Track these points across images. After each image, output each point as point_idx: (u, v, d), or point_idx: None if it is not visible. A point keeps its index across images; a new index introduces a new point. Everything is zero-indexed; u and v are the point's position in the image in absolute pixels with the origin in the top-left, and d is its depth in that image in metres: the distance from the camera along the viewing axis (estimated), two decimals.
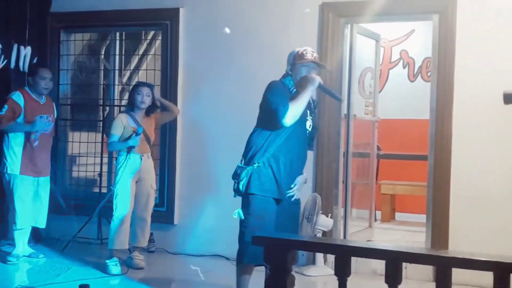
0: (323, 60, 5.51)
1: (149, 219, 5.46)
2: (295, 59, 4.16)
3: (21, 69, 6.15)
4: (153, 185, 5.51)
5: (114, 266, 5.20)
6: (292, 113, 3.94)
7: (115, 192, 5.26)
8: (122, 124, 5.28)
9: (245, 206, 4.02)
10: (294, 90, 4.07)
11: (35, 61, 6.25)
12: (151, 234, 5.88)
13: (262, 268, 3.63)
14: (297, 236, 3.92)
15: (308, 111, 4.16)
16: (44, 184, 5.62)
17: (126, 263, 5.37)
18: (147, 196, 5.43)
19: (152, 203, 5.49)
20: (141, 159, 5.33)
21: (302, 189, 4.25)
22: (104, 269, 5.21)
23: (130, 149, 5.24)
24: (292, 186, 4.11)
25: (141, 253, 5.54)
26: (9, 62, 6.03)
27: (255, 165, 4.00)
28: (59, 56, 6.62)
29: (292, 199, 4.13)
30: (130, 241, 5.37)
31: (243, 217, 4.00)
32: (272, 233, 2.93)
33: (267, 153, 4.02)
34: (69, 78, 6.75)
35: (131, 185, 5.28)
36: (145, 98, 5.32)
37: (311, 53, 4.15)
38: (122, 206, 5.25)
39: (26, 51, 6.18)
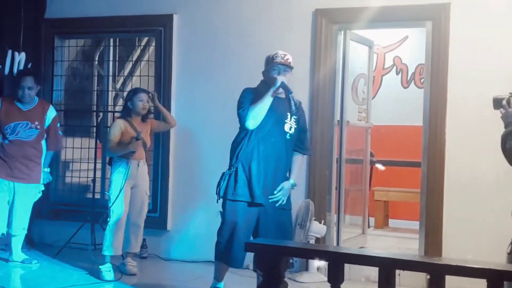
0: (317, 66, 5.54)
1: (142, 225, 5.46)
2: (267, 63, 4.28)
3: (15, 75, 6.14)
4: (147, 191, 5.52)
5: (107, 272, 5.18)
6: (252, 116, 4.07)
7: (110, 198, 5.25)
8: (120, 129, 5.27)
9: (222, 209, 4.25)
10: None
11: (29, 66, 6.24)
12: (144, 240, 5.87)
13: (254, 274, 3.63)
14: (290, 243, 3.92)
15: (289, 114, 4.21)
16: (21, 190, 5.52)
17: (119, 269, 5.34)
18: (141, 202, 5.42)
19: (145, 209, 5.49)
20: (138, 165, 5.33)
21: (289, 195, 4.27)
22: (97, 275, 5.19)
23: (130, 155, 5.23)
24: (275, 192, 4.17)
25: (134, 259, 5.52)
26: (3, 68, 6.02)
27: (231, 170, 4.17)
28: (53, 62, 6.61)
29: (277, 205, 4.17)
30: (123, 247, 5.35)
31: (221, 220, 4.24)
32: (263, 240, 2.93)
33: (240, 157, 4.16)
34: (63, 84, 6.73)
35: (126, 191, 5.26)
36: (145, 104, 5.38)
37: (281, 56, 4.21)
38: (117, 212, 5.24)
39: (20, 57, 6.17)
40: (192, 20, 6.05)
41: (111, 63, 6.66)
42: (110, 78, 6.76)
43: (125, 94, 6.94)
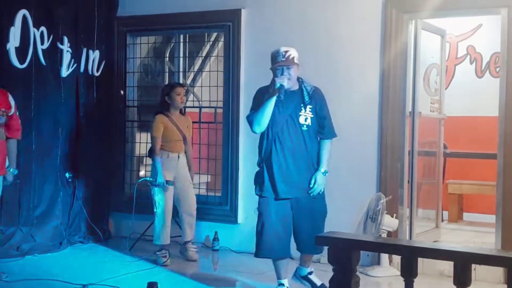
0: (387, 56, 5.45)
1: (194, 213, 5.70)
2: (271, 62, 4.32)
3: (90, 72, 6.35)
4: (190, 180, 5.72)
5: (162, 258, 5.49)
6: (257, 122, 4.22)
7: (155, 190, 5.51)
8: (162, 124, 5.53)
9: (258, 206, 4.45)
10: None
11: (103, 64, 6.44)
12: (215, 232, 5.99)
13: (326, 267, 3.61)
14: (362, 236, 3.91)
15: (302, 105, 4.27)
16: None
17: (181, 254, 5.68)
18: (187, 191, 5.66)
19: (193, 197, 5.71)
20: (178, 158, 5.60)
21: (325, 183, 4.39)
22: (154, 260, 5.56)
23: (170, 148, 5.55)
24: (310, 185, 4.31)
25: (194, 245, 5.74)
26: (78, 66, 6.23)
27: (259, 168, 4.41)
28: (125, 59, 6.79)
29: (312, 195, 4.34)
30: (182, 237, 5.70)
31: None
32: (338, 233, 2.91)
33: (263, 156, 4.35)
34: (135, 80, 6.91)
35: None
36: (183, 98, 5.61)
37: (282, 54, 4.24)
38: (162, 202, 5.52)
39: (95, 55, 6.38)
40: (260, 14, 6.07)
41: (181, 59, 6.78)
42: (181, 74, 6.88)
43: (195, 90, 7.10)
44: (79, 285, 4.70)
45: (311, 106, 4.29)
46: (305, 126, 4.28)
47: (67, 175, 6.16)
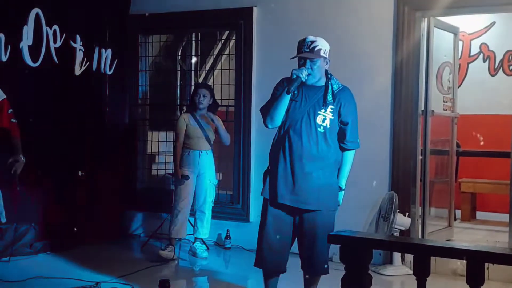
0: (399, 54, 5.42)
1: (208, 212, 5.77)
2: (297, 49, 3.88)
3: (102, 71, 6.37)
4: (211, 180, 5.78)
5: (169, 252, 5.57)
6: (270, 116, 3.81)
7: (175, 185, 5.68)
8: (184, 122, 5.67)
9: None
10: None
11: (115, 63, 6.46)
12: (227, 231, 6.00)
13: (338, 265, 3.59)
14: (375, 235, 3.88)
15: (323, 103, 3.78)
16: None
17: (192, 253, 5.73)
18: (206, 190, 5.74)
19: (210, 197, 5.78)
20: (200, 155, 5.65)
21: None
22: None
23: (192, 145, 5.66)
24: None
25: (204, 243, 5.81)
26: (91, 65, 6.25)
27: (268, 168, 3.96)
28: (137, 57, 6.81)
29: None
30: (194, 233, 5.77)
31: None
32: (348, 232, 2.90)
33: (270, 154, 3.95)
34: (147, 79, 6.92)
35: (190, 179, 5.63)
36: (201, 98, 5.65)
37: (307, 44, 3.80)
38: (180, 199, 5.64)
39: (107, 54, 6.39)
40: (272, 12, 6.06)
41: (193, 57, 6.78)
42: (193, 72, 6.89)
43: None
44: (92, 283, 4.72)
45: (333, 107, 3.77)
46: (321, 127, 3.75)
47: (79, 173, 6.18)
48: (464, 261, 2.54)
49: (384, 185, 5.46)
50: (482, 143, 7.15)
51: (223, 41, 7.39)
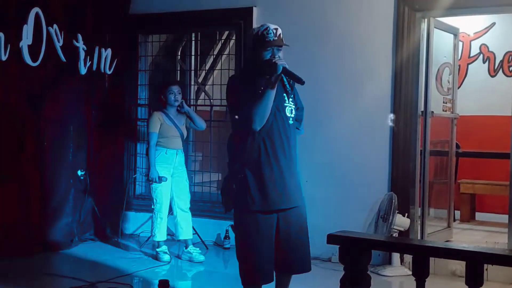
0: (399, 55, 5.42)
1: (188, 211, 5.73)
2: (255, 41, 3.52)
3: (102, 70, 6.36)
4: (187, 179, 5.77)
5: (164, 255, 5.56)
6: (259, 116, 3.39)
7: (152, 187, 5.59)
8: (159, 121, 5.61)
9: (235, 223, 3.70)
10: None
11: (115, 62, 6.45)
12: (226, 231, 5.99)
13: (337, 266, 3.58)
14: (374, 236, 3.87)
15: (285, 95, 3.56)
16: None
17: (188, 257, 5.63)
18: (185, 190, 5.72)
19: (187, 194, 5.74)
20: (176, 154, 5.65)
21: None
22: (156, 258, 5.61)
23: (167, 144, 5.60)
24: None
25: (196, 246, 5.75)
26: (92, 64, 6.24)
27: (238, 177, 3.56)
28: (137, 57, 6.80)
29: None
30: (178, 235, 5.70)
31: None
32: (349, 232, 2.89)
33: (246, 161, 3.50)
34: (147, 78, 6.92)
35: (168, 180, 5.60)
36: (177, 96, 5.64)
37: (273, 32, 3.50)
38: (160, 200, 5.59)
39: (107, 53, 6.38)
40: (271, 12, 6.06)
41: (193, 57, 6.77)
42: (192, 72, 6.88)
43: (206, 88, 7.11)
44: (88, 283, 4.70)
45: (291, 95, 3.60)
46: (291, 119, 3.55)
47: (79, 172, 6.17)
48: (463, 262, 2.54)
49: (383, 185, 5.46)
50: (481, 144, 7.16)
51: (223, 41, 7.39)
